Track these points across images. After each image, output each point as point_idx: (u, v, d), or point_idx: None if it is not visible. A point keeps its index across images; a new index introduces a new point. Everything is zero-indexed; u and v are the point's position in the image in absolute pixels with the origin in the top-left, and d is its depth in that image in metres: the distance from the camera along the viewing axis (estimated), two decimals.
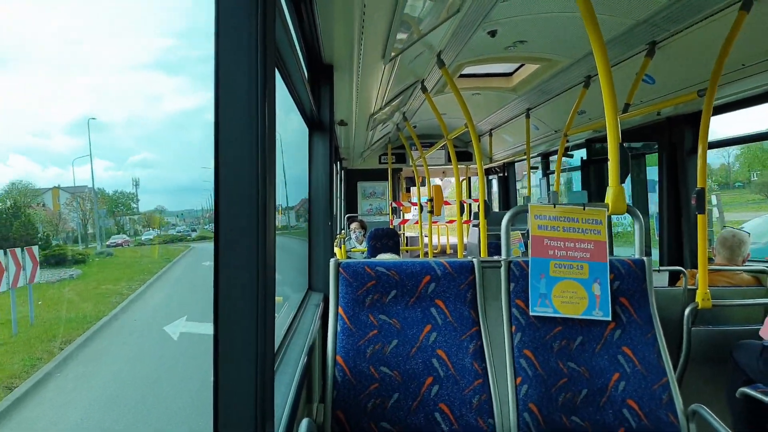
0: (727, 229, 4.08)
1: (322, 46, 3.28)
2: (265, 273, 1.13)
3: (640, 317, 2.46)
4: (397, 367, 2.34)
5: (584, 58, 4.70)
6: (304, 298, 3.23)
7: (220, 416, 1.12)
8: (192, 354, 8.14)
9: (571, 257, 2.48)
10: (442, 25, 3.67)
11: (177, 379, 7.52)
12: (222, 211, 1.10)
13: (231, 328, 1.11)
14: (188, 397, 6.82)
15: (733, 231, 4.03)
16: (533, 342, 2.41)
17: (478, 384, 2.34)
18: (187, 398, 6.77)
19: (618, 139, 2.60)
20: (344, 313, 2.42)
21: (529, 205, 2.55)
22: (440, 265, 2.50)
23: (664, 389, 2.33)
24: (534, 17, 4.03)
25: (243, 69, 1.10)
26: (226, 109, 1.10)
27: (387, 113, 6.90)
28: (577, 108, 5.55)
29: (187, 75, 22.33)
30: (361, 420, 2.26)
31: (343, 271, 2.47)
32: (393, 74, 4.63)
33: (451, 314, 2.46)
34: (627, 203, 2.57)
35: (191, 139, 17.53)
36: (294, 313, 2.81)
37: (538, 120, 7.17)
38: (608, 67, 2.63)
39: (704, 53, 3.82)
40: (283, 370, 1.91)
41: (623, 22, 3.79)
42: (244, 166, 1.10)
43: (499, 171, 10.75)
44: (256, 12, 1.10)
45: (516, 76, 6.30)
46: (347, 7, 2.71)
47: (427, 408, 2.29)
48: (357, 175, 11.60)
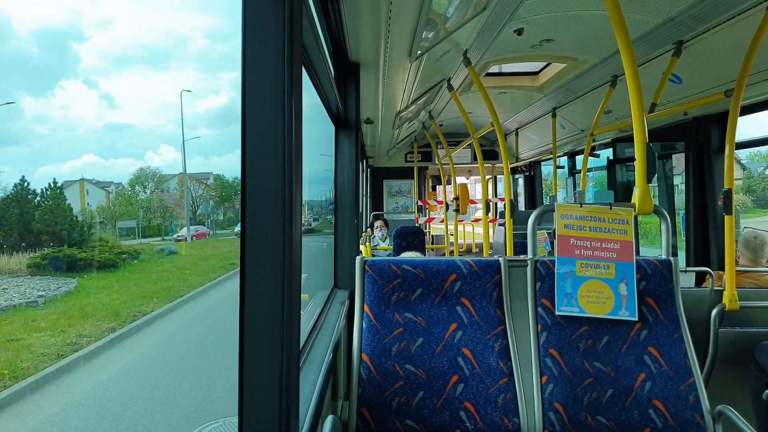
0: (748, 231, 4.01)
1: (349, 44, 3.29)
2: (291, 271, 1.13)
3: (666, 318, 2.44)
4: (423, 365, 2.34)
5: (611, 57, 4.66)
6: (329, 295, 3.24)
7: (245, 412, 1.13)
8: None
9: (598, 257, 2.46)
10: (468, 23, 3.67)
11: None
12: (248, 209, 1.11)
13: (257, 326, 1.12)
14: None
15: (755, 232, 3.96)
16: (559, 341, 2.40)
17: (503, 383, 2.33)
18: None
19: (645, 139, 2.58)
20: (370, 311, 2.43)
21: (556, 204, 2.54)
22: (466, 264, 2.50)
23: (690, 390, 2.31)
24: (560, 15, 4.01)
25: (270, 67, 1.11)
26: (253, 108, 1.11)
27: (413, 111, 6.90)
28: (603, 107, 5.51)
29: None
30: (386, 417, 2.27)
31: (369, 268, 2.48)
32: (419, 72, 4.63)
33: (476, 313, 2.45)
34: (654, 203, 2.56)
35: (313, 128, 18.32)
36: (320, 311, 2.82)
37: (564, 119, 7.13)
38: (635, 66, 2.61)
39: (731, 53, 3.77)
40: (309, 368, 1.93)
41: (650, 20, 3.75)
42: (270, 165, 1.11)
43: (525, 170, 10.69)
44: (282, 10, 1.11)
45: (542, 75, 6.27)
46: (374, 5, 2.72)
47: (452, 406, 2.29)
48: (383, 173, 11.60)
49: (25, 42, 66.23)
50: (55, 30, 70.59)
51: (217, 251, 28.84)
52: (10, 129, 59.63)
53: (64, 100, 70.42)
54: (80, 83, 75.52)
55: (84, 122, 71.35)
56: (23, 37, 66.03)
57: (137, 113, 79.21)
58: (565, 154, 8.52)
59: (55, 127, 64.76)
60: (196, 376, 8.28)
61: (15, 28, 64.67)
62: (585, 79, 5.49)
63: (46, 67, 68.00)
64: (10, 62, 63.73)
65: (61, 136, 66.42)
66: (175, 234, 39.86)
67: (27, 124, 60.65)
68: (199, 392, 7.50)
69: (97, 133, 72.33)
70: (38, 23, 69.70)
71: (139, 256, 25.23)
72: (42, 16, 69.64)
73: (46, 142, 64.51)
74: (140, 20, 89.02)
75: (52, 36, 70.31)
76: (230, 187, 51.69)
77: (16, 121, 57.24)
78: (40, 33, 69.36)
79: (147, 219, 43.35)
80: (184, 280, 18.91)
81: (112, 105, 72.82)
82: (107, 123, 77.20)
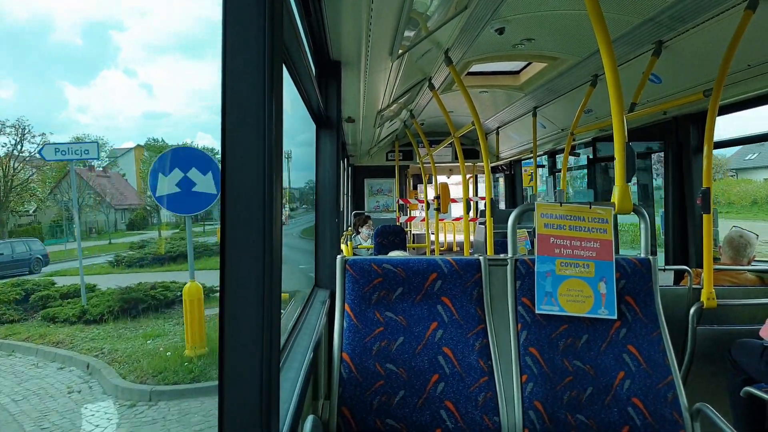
0: (734, 230, 4.05)
1: (330, 43, 3.28)
2: (271, 270, 1.13)
3: (645, 316, 2.46)
4: (403, 364, 2.34)
5: (591, 56, 4.69)
6: (310, 294, 3.23)
7: (225, 412, 1.12)
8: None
9: (578, 256, 2.48)
10: (449, 22, 3.67)
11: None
12: (229, 206, 1.10)
13: (237, 325, 1.12)
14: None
15: (741, 232, 4.00)
16: (539, 340, 2.41)
17: (483, 381, 2.34)
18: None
19: (624, 138, 2.60)
20: (351, 310, 2.43)
21: (536, 203, 2.55)
22: (447, 263, 2.50)
23: (669, 388, 2.33)
24: (541, 15, 4.03)
25: (250, 65, 1.10)
26: (233, 106, 1.10)
27: (394, 110, 6.90)
28: (583, 107, 5.54)
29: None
30: (366, 417, 2.26)
31: (350, 268, 2.47)
32: (401, 71, 4.63)
33: (457, 312, 2.46)
34: (633, 202, 2.57)
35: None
36: (300, 310, 2.81)
37: (544, 118, 7.16)
38: (615, 65, 2.63)
39: (711, 53, 3.81)
40: (289, 367, 1.92)
41: (630, 20, 3.78)
42: (251, 163, 1.10)
43: (505, 169, 10.74)
44: (263, 8, 1.10)
45: (523, 74, 6.29)
46: (355, 5, 2.71)
47: (433, 405, 2.29)
48: (364, 172, 11.60)
49: (68, 33, 66.51)
50: (97, 21, 70.86)
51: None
52: (56, 119, 63.23)
53: (105, 89, 70.92)
54: (120, 72, 75.75)
55: (123, 111, 71.82)
56: (66, 29, 66.31)
57: (173, 101, 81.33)
58: (546, 153, 8.56)
59: (97, 116, 65.41)
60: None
61: (59, 20, 65.06)
62: (565, 79, 5.52)
63: (88, 58, 68.47)
64: (55, 54, 64.09)
65: (102, 124, 68.35)
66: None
67: (71, 113, 61.25)
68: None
69: (136, 121, 74.19)
70: (82, 15, 69.90)
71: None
72: (84, 7, 69.75)
73: (90, 131, 65.22)
74: (176, 9, 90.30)
75: (94, 27, 70.55)
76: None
77: (62, 111, 57.69)
78: (83, 24, 69.62)
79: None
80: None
81: (150, 93, 73.00)
82: (145, 111, 77.71)
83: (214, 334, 10.05)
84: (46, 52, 64.35)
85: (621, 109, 2.62)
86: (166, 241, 29.02)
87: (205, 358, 9.92)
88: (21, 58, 62.85)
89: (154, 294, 15.78)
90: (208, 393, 8.72)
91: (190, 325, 9.92)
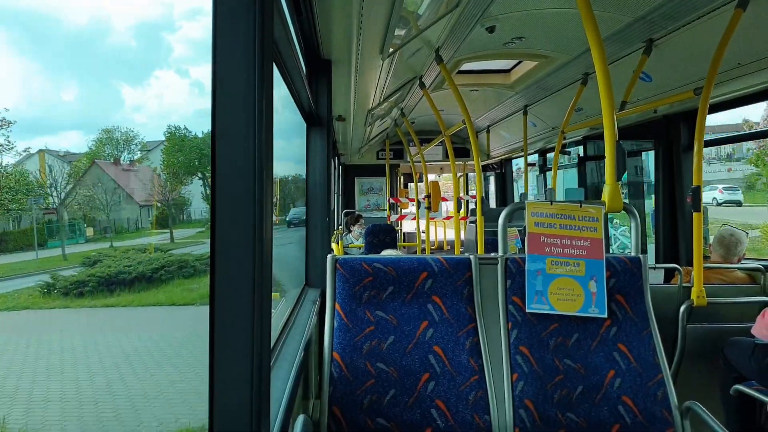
0: (725, 228, 4.07)
1: (321, 41, 3.27)
2: (261, 269, 1.12)
3: (635, 314, 2.47)
4: (394, 363, 2.34)
5: (582, 55, 4.70)
6: (300, 293, 3.22)
7: (215, 412, 1.12)
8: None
9: (568, 254, 2.48)
10: (440, 20, 3.67)
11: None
12: (219, 205, 1.10)
13: (227, 324, 1.11)
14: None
15: (732, 230, 4.01)
16: (529, 339, 2.41)
17: (474, 380, 2.34)
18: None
19: (615, 137, 2.60)
20: (341, 309, 2.42)
21: (526, 202, 2.55)
22: (437, 262, 2.50)
23: (659, 386, 2.34)
24: (532, 13, 4.03)
25: (240, 64, 1.10)
26: (223, 105, 1.10)
27: (385, 109, 6.89)
28: (574, 105, 5.55)
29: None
30: (357, 416, 2.26)
31: (341, 267, 2.47)
32: (391, 70, 4.62)
33: (447, 311, 2.45)
34: (623, 201, 2.58)
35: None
36: (291, 309, 2.81)
37: (535, 117, 7.17)
38: (605, 64, 2.63)
39: (701, 52, 3.82)
40: (280, 366, 1.91)
41: (620, 19, 3.79)
42: (241, 162, 1.10)
43: (496, 168, 10.75)
44: (254, 6, 1.10)
45: (514, 72, 6.30)
46: (346, 2, 2.70)
47: (424, 404, 2.29)
48: (355, 171, 11.58)
49: (123, 36, 67.71)
50: (150, 23, 71.77)
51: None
52: (112, 119, 62.84)
53: (158, 89, 72.10)
54: (173, 73, 76.80)
55: (176, 109, 73.38)
56: (122, 31, 67.58)
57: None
58: (537, 152, 8.57)
59: (151, 115, 66.80)
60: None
61: (115, 23, 66.26)
62: (556, 77, 5.53)
63: (142, 60, 69.80)
64: (110, 56, 65.35)
65: (155, 124, 68.21)
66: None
67: (127, 113, 62.71)
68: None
69: (188, 119, 73.69)
70: (136, 17, 70.79)
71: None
72: (138, 11, 70.76)
73: (144, 130, 66.81)
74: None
75: (148, 28, 71.46)
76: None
77: (118, 111, 59.06)
78: (137, 26, 70.49)
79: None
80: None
81: (201, 92, 74.28)
82: (196, 109, 79.37)
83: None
84: (101, 53, 65.75)
85: (611, 107, 2.62)
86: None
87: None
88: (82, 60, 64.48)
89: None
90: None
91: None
